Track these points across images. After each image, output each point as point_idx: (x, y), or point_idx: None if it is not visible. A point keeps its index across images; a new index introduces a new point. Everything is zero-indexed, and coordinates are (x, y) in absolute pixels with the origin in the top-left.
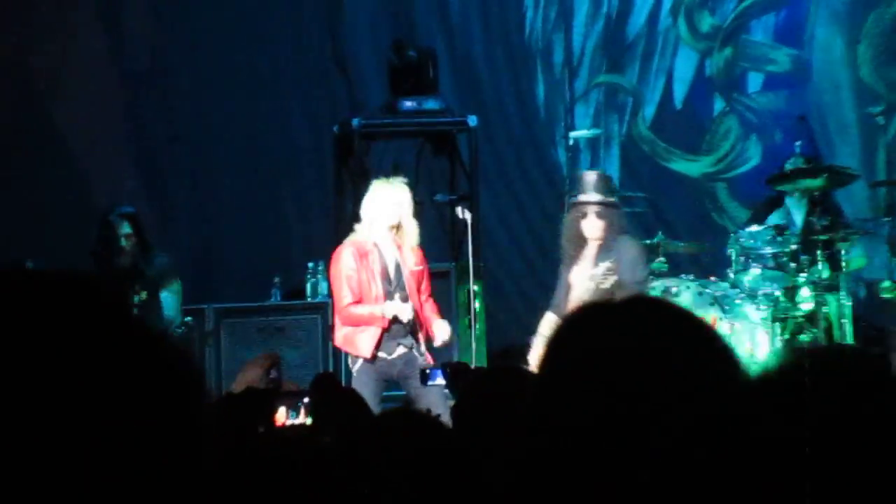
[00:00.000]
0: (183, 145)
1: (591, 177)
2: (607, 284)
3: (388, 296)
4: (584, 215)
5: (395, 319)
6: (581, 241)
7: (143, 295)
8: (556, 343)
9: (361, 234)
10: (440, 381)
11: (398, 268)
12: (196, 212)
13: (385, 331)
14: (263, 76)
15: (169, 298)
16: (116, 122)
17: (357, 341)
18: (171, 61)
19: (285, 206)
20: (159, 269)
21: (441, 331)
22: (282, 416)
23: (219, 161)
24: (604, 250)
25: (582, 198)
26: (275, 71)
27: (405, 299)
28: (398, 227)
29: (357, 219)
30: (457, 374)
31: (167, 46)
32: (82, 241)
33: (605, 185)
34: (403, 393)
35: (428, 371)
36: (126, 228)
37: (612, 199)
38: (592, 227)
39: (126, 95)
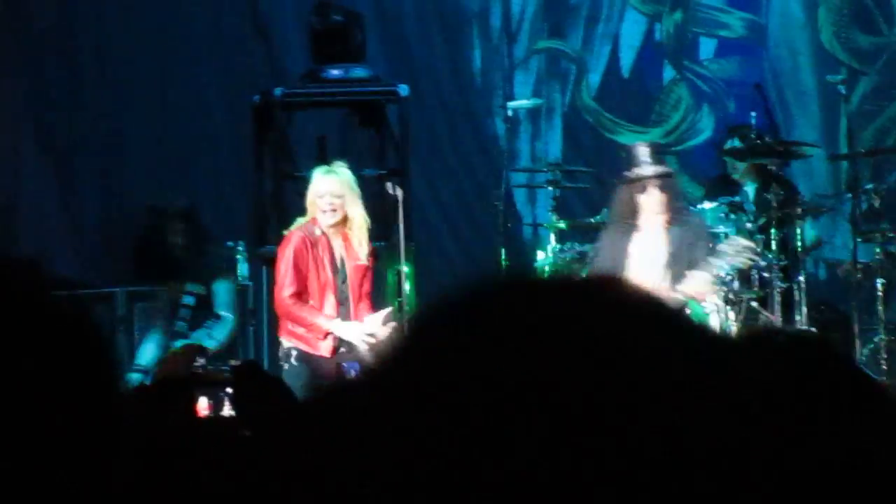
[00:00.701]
0: (87, 115)
1: (644, 148)
2: (679, 260)
3: (334, 289)
4: (644, 189)
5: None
6: (637, 216)
7: (199, 289)
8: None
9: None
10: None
11: (343, 261)
12: (103, 188)
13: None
14: (176, 41)
15: (223, 292)
16: (16, 88)
17: (314, 342)
18: (74, 28)
19: (200, 182)
20: (214, 261)
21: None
22: (203, 407)
23: (128, 133)
24: (674, 224)
25: (640, 172)
26: (188, 35)
27: (345, 294)
28: (345, 219)
29: (278, 197)
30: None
31: (71, 11)
32: None
33: (659, 155)
34: None
35: (345, 365)
36: (178, 224)
37: (670, 170)
38: (654, 201)
39: (27, 66)
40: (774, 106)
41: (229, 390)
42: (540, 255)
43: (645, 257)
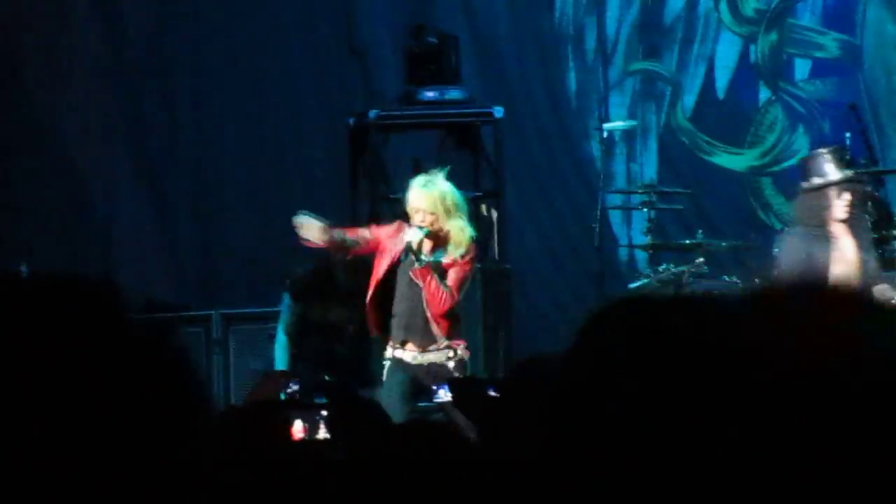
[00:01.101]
0: (185, 142)
1: (826, 155)
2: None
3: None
4: (828, 196)
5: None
6: (823, 223)
7: None
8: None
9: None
10: (446, 397)
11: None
12: (200, 212)
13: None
14: (273, 66)
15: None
16: (113, 118)
17: None
18: (171, 50)
19: (296, 204)
20: None
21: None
22: (299, 430)
23: (224, 157)
24: (855, 229)
25: (823, 179)
26: (285, 59)
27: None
28: (436, 237)
29: (374, 219)
30: (465, 391)
31: (167, 34)
32: (78, 243)
33: (842, 161)
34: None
35: (434, 387)
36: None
37: (853, 175)
38: (840, 207)
39: (123, 88)
40: (869, 126)
41: (325, 413)
42: (636, 276)
43: (837, 263)
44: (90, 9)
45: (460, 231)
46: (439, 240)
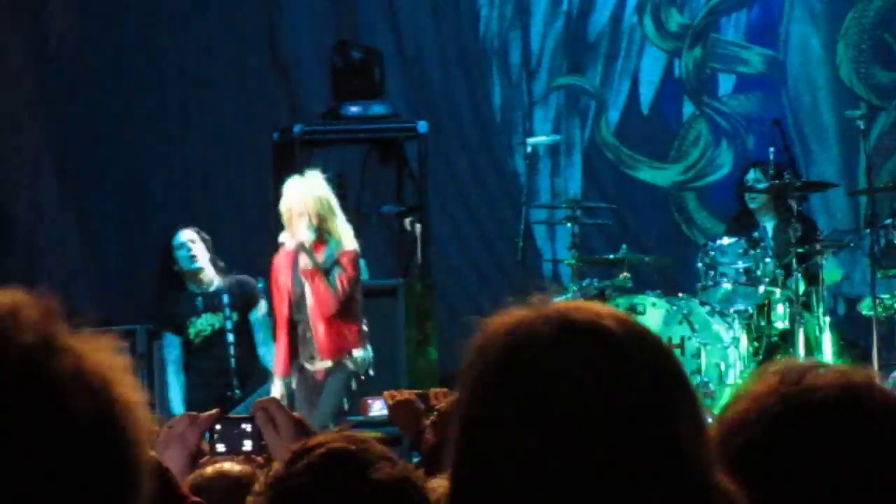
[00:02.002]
0: (110, 155)
1: None
2: None
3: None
4: None
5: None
6: None
7: (235, 317)
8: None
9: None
10: (382, 411)
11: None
12: (124, 225)
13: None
14: (197, 80)
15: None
16: (38, 131)
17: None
18: (95, 63)
19: (220, 220)
20: (246, 290)
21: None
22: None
23: (149, 171)
24: None
25: None
26: (210, 74)
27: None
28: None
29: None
30: (397, 404)
31: (91, 48)
32: (1, 255)
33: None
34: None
35: (369, 401)
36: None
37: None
38: None
39: (48, 101)
40: (793, 141)
41: (247, 426)
42: (559, 291)
43: None
44: (12, 21)
45: (346, 230)
46: (325, 241)
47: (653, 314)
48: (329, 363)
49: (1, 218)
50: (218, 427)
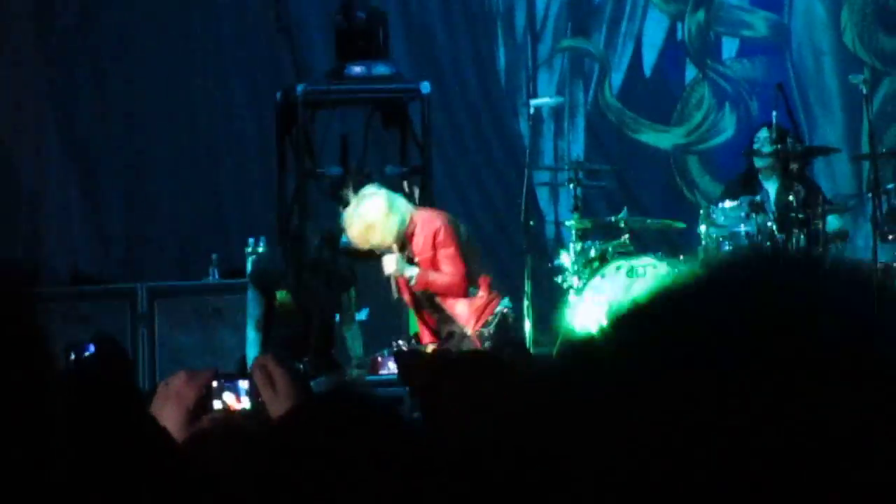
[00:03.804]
0: (113, 116)
1: None
2: None
3: None
4: None
5: None
6: None
7: None
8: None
9: None
10: (393, 370)
11: None
12: (127, 185)
13: None
14: (200, 38)
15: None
16: (42, 93)
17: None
18: (99, 26)
19: (223, 179)
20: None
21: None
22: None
23: (152, 132)
24: None
25: None
26: (214, 34)
27: None
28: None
29: (300, 195)
30: (409, 364)
31: (96, 11)
32: (4, 216)
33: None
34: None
35: (379, 359)
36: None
37: None
38: None
39: (52, 64)
40: (796, 106)
41: (245, 383)
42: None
43: None
44: None
45: (390, 226)
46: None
47: (653, 277)
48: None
49: (5, 186)
50: (214, 384)
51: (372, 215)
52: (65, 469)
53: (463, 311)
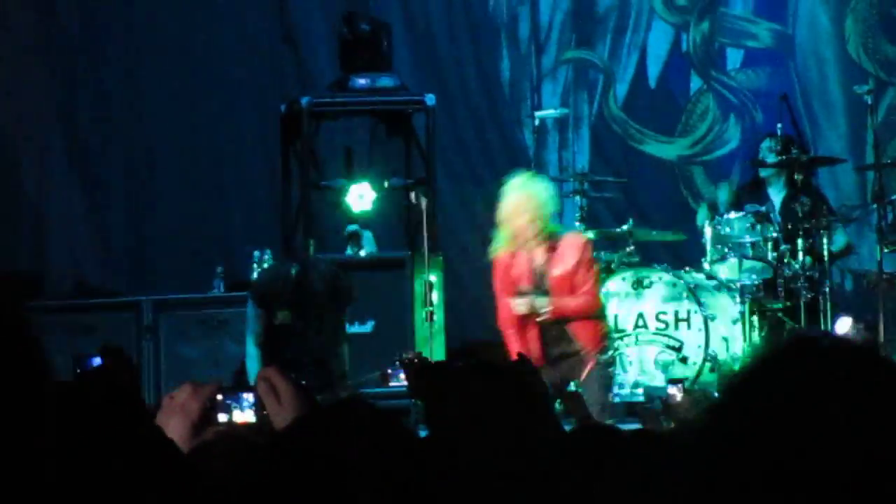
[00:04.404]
0: (117, 127)
1: None
2: None
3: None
4: None
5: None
6: None
7: None
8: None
9: None
10: (403, 382)
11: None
12: (131, 197)
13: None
14: (206, 52)
15: None
16: (46, 102)
17: None
18: (103, 35)
19: (228, 191)
20: None
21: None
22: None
23: (157, 143)
24: None
25: None
26: (218, 45)
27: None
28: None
29: (305, 206)
30: (418, 374)
31: (99, 19)
32: (9, 227)
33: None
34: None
35: (389, 371)
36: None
37: None
38: None
39: (56, 72)
40: (801, 116)
41: (250, 397)
42: None
43: None
44: None
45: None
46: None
47: (659, 288)
48: None
49: (8, 193)
50: (219, 397)
51: (539, 192)
52: (54, 476)
53: (589, 333)
